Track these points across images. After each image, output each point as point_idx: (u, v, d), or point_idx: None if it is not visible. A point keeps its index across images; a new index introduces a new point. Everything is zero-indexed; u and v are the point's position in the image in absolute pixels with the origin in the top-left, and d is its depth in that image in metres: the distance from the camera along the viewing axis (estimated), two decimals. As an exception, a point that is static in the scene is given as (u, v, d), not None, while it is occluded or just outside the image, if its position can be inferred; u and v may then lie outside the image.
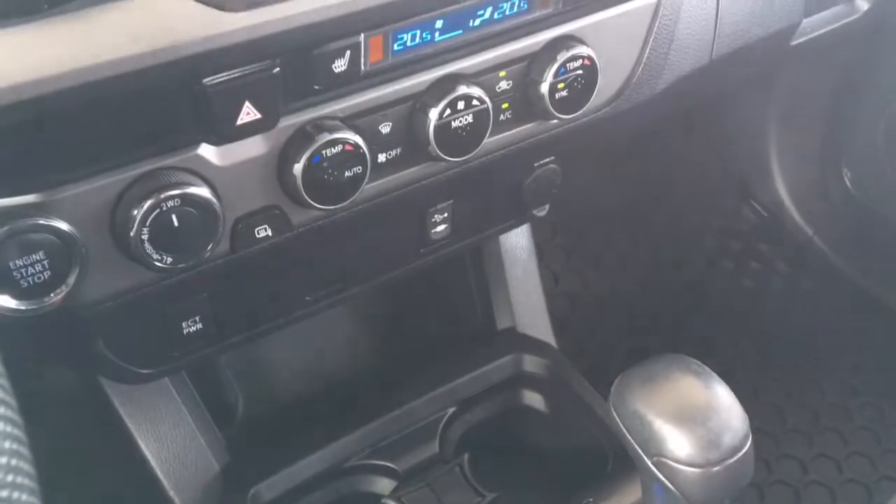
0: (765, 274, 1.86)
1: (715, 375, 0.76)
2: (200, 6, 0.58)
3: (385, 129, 0.80)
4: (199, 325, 0.85)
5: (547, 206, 1.07)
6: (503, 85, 0.85)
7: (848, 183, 1.82)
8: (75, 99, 0.56)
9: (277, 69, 0.67)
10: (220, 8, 0.58)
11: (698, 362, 0.77)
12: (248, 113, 0.68)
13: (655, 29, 0.94)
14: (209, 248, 0.72)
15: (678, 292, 1.85)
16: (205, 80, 0.64)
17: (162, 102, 0.64)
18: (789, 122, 1.78)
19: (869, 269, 1.78)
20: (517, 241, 1.27)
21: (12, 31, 0.53)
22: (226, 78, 0.65)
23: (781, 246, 1.87)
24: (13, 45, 0.53)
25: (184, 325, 0.85)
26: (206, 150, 0.71)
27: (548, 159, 1.01)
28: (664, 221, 1.92)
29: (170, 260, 0.70)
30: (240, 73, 0.65)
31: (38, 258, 0.65)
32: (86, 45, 0.54)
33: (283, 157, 0.74)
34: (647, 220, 1.92)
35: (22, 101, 0.53)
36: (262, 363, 1.23)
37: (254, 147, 0.73)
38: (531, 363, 1.20)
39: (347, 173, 0.76)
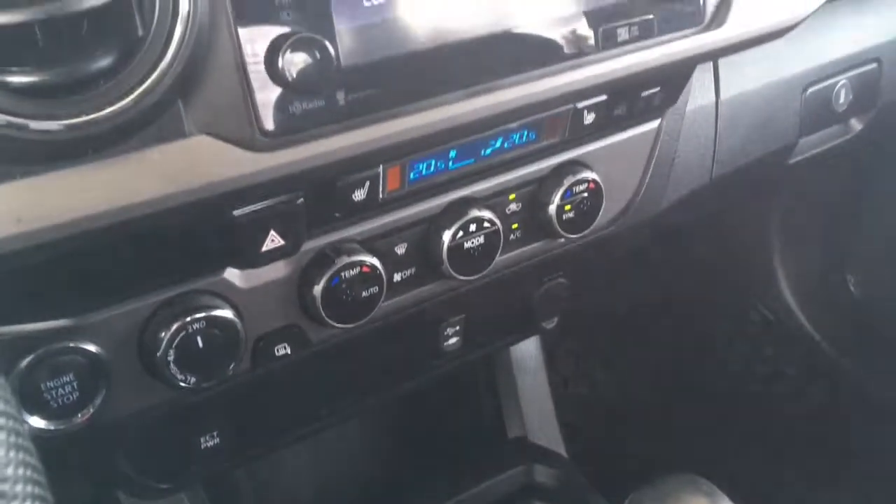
0: (773, 378, 1.86)
1: (724, 497, 0.77)
2: (231, 147, 0.62)
3: (400, 249, 0.84)
4: (217, 440, 0.87)
5: (556, 318, 1.10)
6: (513, 207, 0.90)
7: (852, 287, 1.84)
8: (112, 235, 0.59)
9: (301, 200, 0.72)
10: (251, 149, 0.63)
11: (707, 482, 0.78)
12: (273, 240, 0.72)
13: (657, 153, 0.98)
14: (231, 367, 0.74)
15: (687, 396, 1.85)
16: (234, 212, 0.68)
17: (193, 234, 0.68)
18: (792, 226, 1.82)
19: (877, 372, 1.79)
20: (527, 350, 1.29)
21: (60, 175, 0.57)
22: (253, 209, 0.69)
23: (789, 350, 1.88)
24: (59, 187, 0.56)
25: (202, 440, 0.86)
26: (231, 274, 0.74)
27: (556, 274, 1.04)
28: (672, 324, 1.94)
29: (193, 380, 0.72)
30: (266, 205, 0.70)
31: (67, 380, 0.68)
32: (125, 186, 0.58)
33: (304, 278, 0.78)
34: (654, 322, 1.93)
35: (62, 238, 0.57)
36: (273, 472, 1.24)
37: (276, 270, 0.76)
38: (542, 473, 1.20)
39: (364, 293, 0.79)
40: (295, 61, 0.62)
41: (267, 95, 0.62)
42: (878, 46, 1.19)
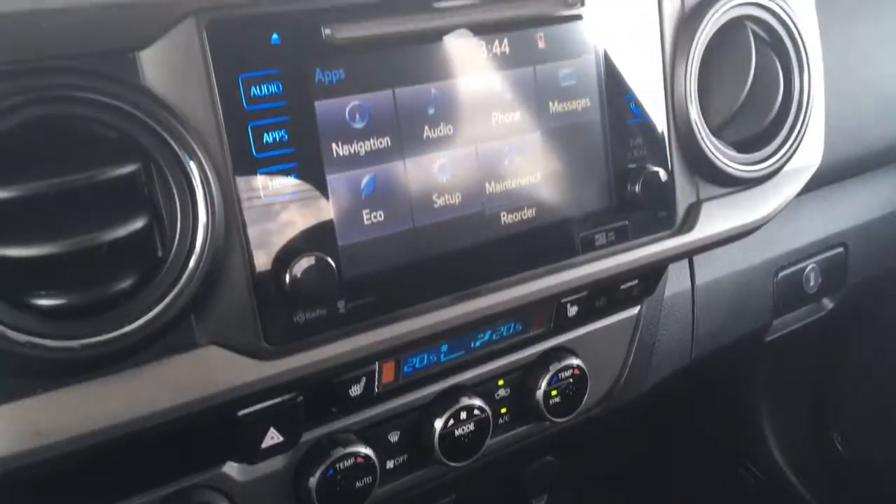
0: (767, 541, 1.85)
1: None
2: (239, 356, 0.66)
3: (393, 437, 0.87)
4: None
5: (546, 497, 1.11)
6: (501, 392, 0.94)
7: (839, 447, 1.86)
8: (124, 443, 0.63)
9: (300, 399, 0.76)
10: (257, 357, 0.67)
11: None
12: (273, 437, 0.76)
13: (638, 338, 1.03)
14: None
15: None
16: (238, 413, 0.72)
17: (196, 433, 0.72)
18: (778, 388, 1.85)
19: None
20: (517, 524, 1.29)
21: (77, 389, 0.60)
22: (255, 409, 0.73)
23: (780, 510, 1.87)
24: (76, 401, 0.60)
25: None
26: (230, 468, 0.77)
27: (544, 453, 1.07)
28: (664, 484, 1.93)
29: (185, 579, 0.74)
30: (267, 405, 0.74)
31: None
32: (141, 397, 0.62)
33: (300, 470, 0.81)
34: (646, 483, 1.93)
35: (78, 449, 0.60)
36: None
37: (274, 462, 0.80)
38: None
39: (358, 483, 0.82)
40: (301, 277, 0.67)
41: (273, 308, 0.68)
42: (844, 232, 1.27)
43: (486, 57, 0.76)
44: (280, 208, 0.67)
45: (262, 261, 0.67)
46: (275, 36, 0.65)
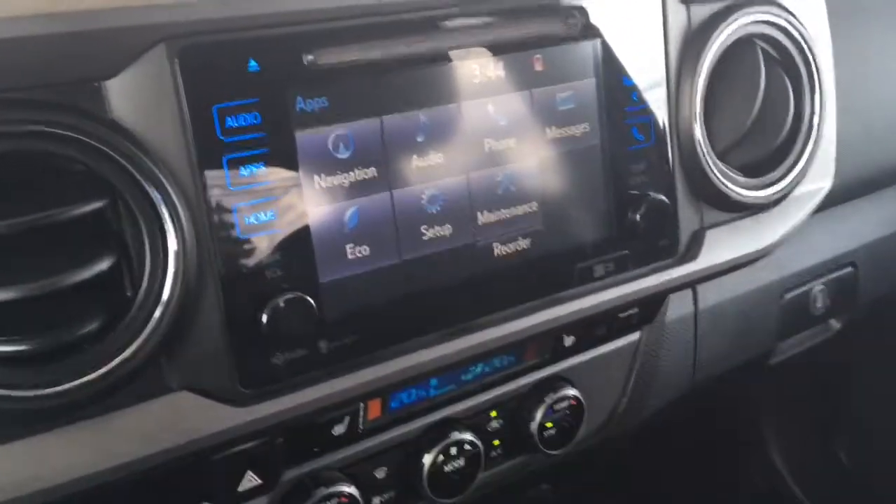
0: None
1: None
2: (213, 402, 0.63)
3: (380, 473, 0.84)
4: None
5: (540, 524, 1.08)
6: (494, 424, 0.90)
7: (844, 459, 1.83)
8: (90, 496, 0.59)
9: (281, 440, 0.72)
10: (232, 403, 0.63)
11: None
12: (250, 480, 0.72)
13: (638, 364, 1.00)
14: None
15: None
16: (214, 457, 0.68)
17: (169, 479, 0.68)
18: (783, 403, 1.83)
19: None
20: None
21: (39, 440, 0.57)
22: (232, 452, 0.69)
23: (784, 522, 1.84)
24: (38, 453, 0.57)
25: None
26: (208, 510, 0.74)
27: (540, 483, 1.03)
28: (666, 497, 1.90)
29: None
30: (245, 448, 0.70)
31: None
32: (106, 449, 0.59)
33: None
34: (647, 495, 1.90)
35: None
36: None
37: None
38: None
39: (342, 524, 0.79)
40: (278, 316, 0.63)
41: (249, 349, 0.64)
42: (853, 251, 1.22)
43: (478, 81, 0.71)
44: (256, 244, 0.63)
45: (237, 300, 0.63)
46: (252, 63, 0.61)
